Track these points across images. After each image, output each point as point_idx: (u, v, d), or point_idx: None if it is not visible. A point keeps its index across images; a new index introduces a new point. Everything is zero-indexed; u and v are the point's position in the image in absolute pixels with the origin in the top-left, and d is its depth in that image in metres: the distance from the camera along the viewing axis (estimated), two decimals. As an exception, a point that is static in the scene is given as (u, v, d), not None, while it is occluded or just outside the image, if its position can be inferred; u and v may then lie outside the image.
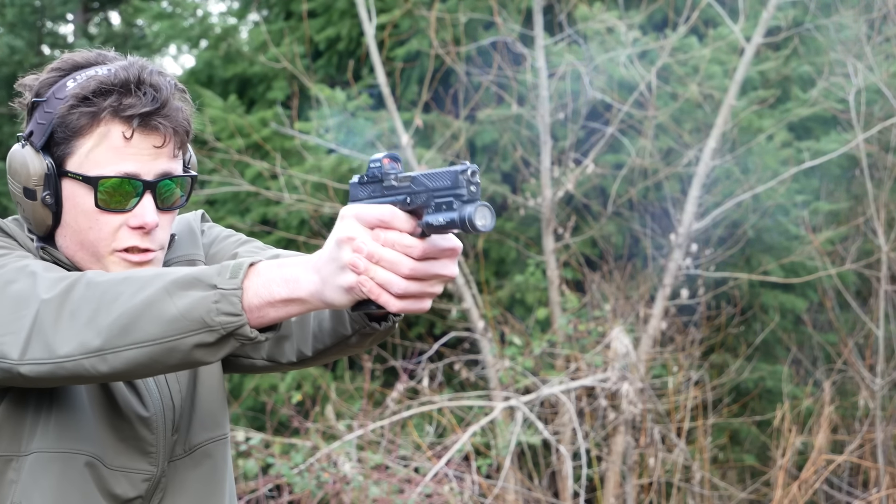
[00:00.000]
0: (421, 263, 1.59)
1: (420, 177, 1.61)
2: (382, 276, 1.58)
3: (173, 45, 9.08)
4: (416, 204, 1.60)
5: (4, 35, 11.15)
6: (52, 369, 1.72)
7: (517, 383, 6.84)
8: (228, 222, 7.67)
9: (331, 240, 1.62)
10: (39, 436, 1.86)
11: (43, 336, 1.72)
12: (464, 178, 1.57)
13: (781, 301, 7.53)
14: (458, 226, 1.55)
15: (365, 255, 1.58)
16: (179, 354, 1.67)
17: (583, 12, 7.29)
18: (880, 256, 7.38)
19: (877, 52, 7.57)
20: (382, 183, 1.66)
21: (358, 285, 1.59)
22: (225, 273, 1.66)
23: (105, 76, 1.87)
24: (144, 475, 1.92)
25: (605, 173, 7.39)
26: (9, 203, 10.33)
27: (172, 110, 1.88)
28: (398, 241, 1.58)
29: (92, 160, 1.87)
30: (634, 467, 6.90)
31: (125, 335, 1.68)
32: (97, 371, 1.71)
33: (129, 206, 1.89)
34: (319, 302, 1.64)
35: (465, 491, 6.36)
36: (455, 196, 1.57)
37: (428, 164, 7.22)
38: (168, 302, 1.66)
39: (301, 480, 6.27)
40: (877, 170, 7.78)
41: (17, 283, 1.78)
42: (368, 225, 1.60)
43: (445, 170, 1.59)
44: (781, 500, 6.64)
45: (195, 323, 1.65)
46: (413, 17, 7.70)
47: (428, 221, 1.58)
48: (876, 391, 7.25)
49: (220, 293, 1.64)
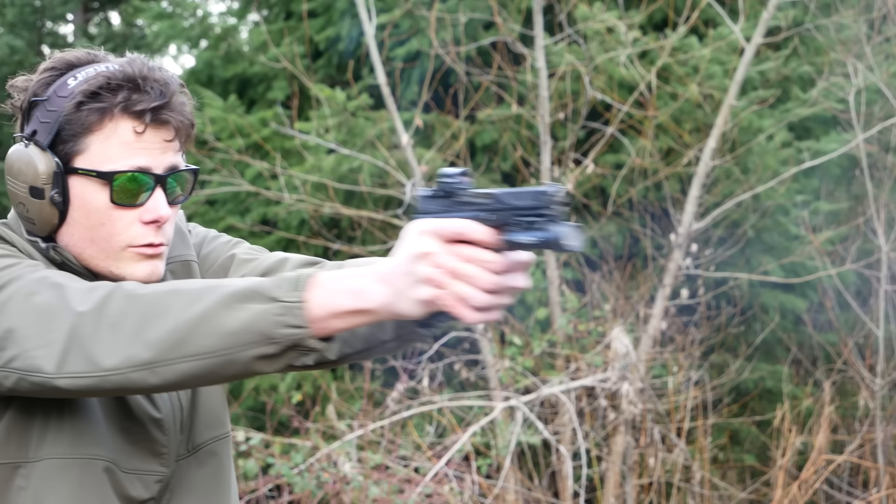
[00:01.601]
0: (499, 277, 1.63)
1: (503, 194, 1.64)
2: (462, 290, 1.62)
3: (173, 45, 9.09)
4: (496, 221, 1.64)
5: (4, 35, 11.15)
6: (96, 382, 1.72)
7: (517, 383, 6.84)
8: (228, 222, 7.67)
9: (405, 253, 1.64)
10: (50, 442, 1.85)
11: (83, 349, 1.71)
12: (553, 199, 1.61)
13: (781, 301, 7.53)
14: (549, 245, 1.60)
15: (445, 271, 1.62)
16: (238, 367, 1.69)
17: (583, 12, 7.28)
18: (880, 256, 7.38)
19: (877, 52, 7.56)
20: (456, 198, 1.69)
21: (435, 299, 1.63)
22: (284, 285, 1.67)
23: (111, 72, 1.87)
24: (157, 476, 1.93)
25: (605, 173, 7.39)
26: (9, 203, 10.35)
27: (179, 104, 1.90)
28: (478, 257, 1.62)
29: (104, 156, 1.87)
30: (634, 467, 6.90)
31: (179, 348, 1.69)
32: (146, 383, 1.71)
33: (139, 200, 1.89)
34: (388, 313, 1.67)
35: (465, 491, 6.36)
36: (544, 215, 1.60)
37: (428, 164, 7.23)
38: (226, 315, 1.67)
39: (301, 480, 6.27)
40: (877, 170, 7.77)
41: (41, 295, 1.77)
42: (447, 239, 1.63)
43: (532, 189, 1.62)
44: (781, 500, 6.64)
45: (257, 335, 1.66)
46: (413, 17, 7.70)
47: (513, 239, 1.62)
48: (876, 391, 7.25)
49: (283, 306, 1.66)
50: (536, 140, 7.44)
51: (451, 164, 7.67)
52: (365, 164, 7.32)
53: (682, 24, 7.47)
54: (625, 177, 7.38)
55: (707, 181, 7.20)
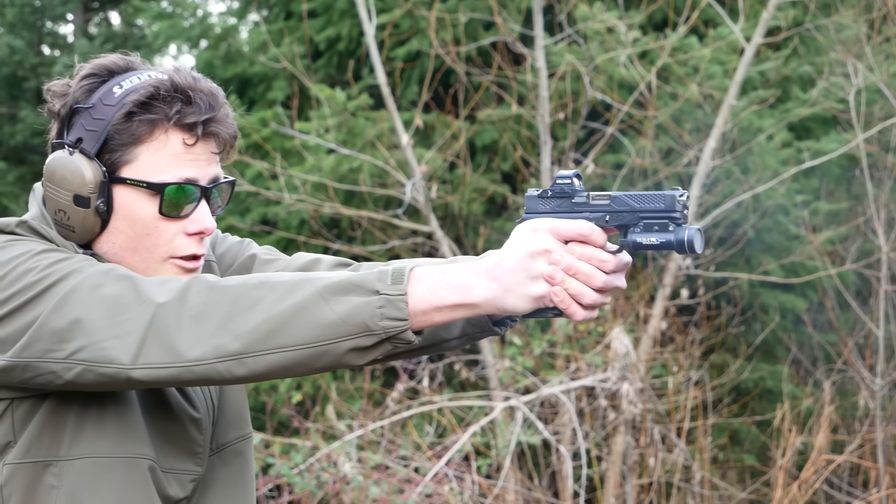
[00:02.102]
0: (609, 276, 1.72)
1: (623, 196, 1.72)
2: (576, 287, 1.71)
3: (173, 45, 9.08)
4: (616, 222, 1.72)
5: (4, 35, 11.15)
6: (178, 373, 1.73)
7: (517, 383, 6.84)
8: (228, 222, 7.67)
9: (519, 250, 1.71)
10: (88, 440, 1.84)
11: (165, 340, 1.72)
12: (680, 202, 1.69)
13: (781, 301, 7.53)
14: (674, 247, 1.68)
15: (563, 268, 1.70)
16: (330, 357, 1.71)
17: (583, 12, 7.28)
18: (880, 256, 7.38)
19: (877, 52, 7.57)
20: (572, 199, 1.75)
21: (550, 294, 1.71)
22: (386, 278, 1.70)
23: (159, 81, 1.87)
24: (192, 475, 1.92)
25: (605, 173, 7.39)
26: (9, 203, 10.33)
27: (224, 116, 1.91)
28: (594, 256, 1.71)
29: (153, 167, 1.87)
30: (634, 467, 6.90)
31: (270, 339, 1.70)
32: (232, 374, 1.73)
33: (185, 212, 1.89)
34: (493, 307, 1.72)
35: (465, 491, 6.36)
36: (670, 218, 1.68)
37: (428, 164, 7.23)
38: (324, 306, 1.70)
39: (301, 480, 6.27)
40: (877, 170, 7.78)
41: (109, 287, 1.77)
42: (564, 239, 1.72)
43: (657, 192, 1.70)
44: (781, 500, 6.64)
45: (356, 327, 1.69)
46: (413, 17, 7.70)
47: (637, 241, 1.70)
48: (876, 391, 7.25)
49: (385, 298, 1.69)
50: (536, 140, 7.44)
51: (452, 164, 7.66)
52: (365, 164, 7.32)
53: (682, 24, 7.47)
54: (625, 177, 7.38)
55: (707, 181, 7.20)
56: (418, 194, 7.11)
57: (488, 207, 7.83)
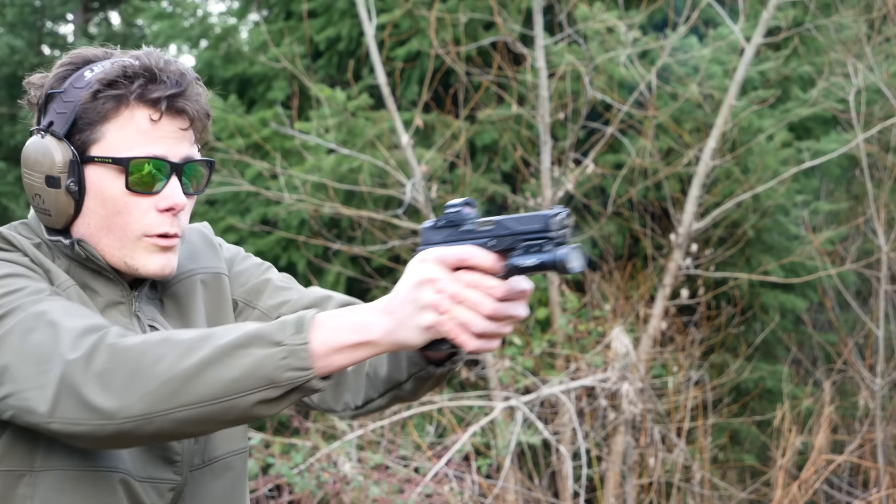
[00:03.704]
0: (500, 304, 1.64)
1: (506, 220, 1.66)
2: (464, 315, 1.63)
3: (173, 45, 9.06)
4: (500, 247, 1.66)
5: (4, 35, 11.15)
6: (91, 430, 1.71)
7: (517, 383, 6.84)
8: (228, 222, 7.67)
9: (407, 282, 1.66)
10: (60, 454, 1.84)
11: (76, 397, 1.71)
12: (555, 222, 1.63)
13: (781, 301, 7.53)
14: (550, 267, 1.63)
15: (448, 296, 1.63)
16: (238, 412, 1.68)
17: (583, 12, 7.29)
18: (880, 256, 7.38)
19: (877, 52, 7.57)
20: (460, 227, 1.71)
21: (438, 325, 1.64)
22: (287, 329, 1.67)
23: (128, 63, 1.89)
24: (170, 484, 1.92)
25: (605, 173, 7.39)
26: (9, 203, 10.33)
27: (195, 94, 1.91)
28: (481, 283, 1.64)
29: (119, 144, 1.88)
30: (634, 467, 6.90)
31: (175, 398, 1.68)
32: (143, 432, 1.71)
33: (156, 188, 1.90)
34: (391, 343, 1.67)
35: (465, 491, 6.36)
36: (546, 238, 1.63)
37: (428, 164, 7.23)
38: (226, 363, 1.67)
39: (301, 480, 6.27)
40: (877, 170, 7.78)
41: (37, 333, 1.76)
42: (450, 266, 1.65)
43: (535, 214, 1.65)
44: (781, 500, 6.64)
45: (260, 381, 1.66)
46: (413, 17, 7.70)
47: (516, 264, 1.64)
48: (876, 391, 7.25)
49: (287, 349, 1.66)
50: (536, 140, 7.44)
51: (452, 164, 7.67)
52: (365, 164, 7.32)
53: (682, 24, 7.47)
54: (625, 177, 7.38)
55: (707, 181, 7.20)
56: (418, 194, 7.11)
57: (488, 208, 7.83)
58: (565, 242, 1.64)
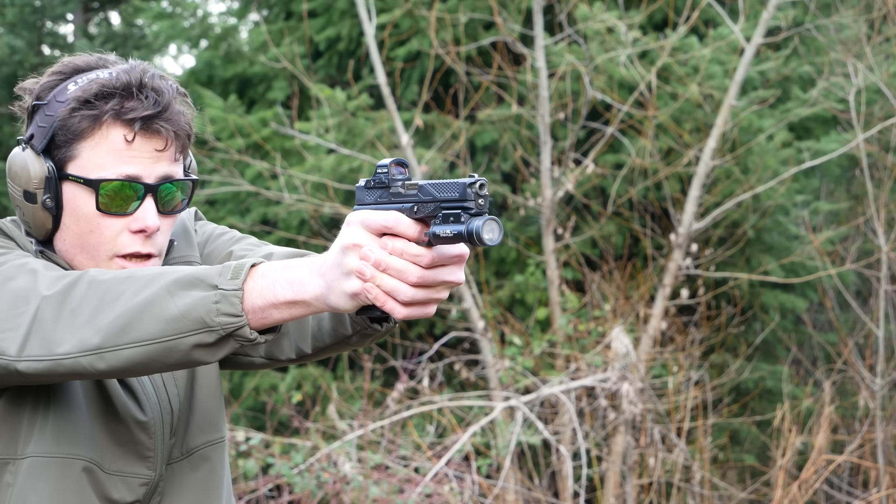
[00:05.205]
0: (429, 271, 1.59)
1: (427, 186, 1.60)
2: (389, 283, 1.58)
3: (173, 45, 9.08)
4: (423, 213, 1.60)
5: (4, 35, 11.15)
6: (50, 366, 1.72)
7: (517, 383, 6.84)
8: (228, 222, 7.67)
9: (336, 245, 1.62)
10: (36, 440, 1.86)
11: (42, 333, 1.72)
12: (472, 191, 1.58)
13: (781, 301, 7.53)
14: (465, 239, 1.56)
15: (372, 263, 1.58)
16: (178, 354, 1.68)
17: (583, 12, 7.29)
18: (880, 256, 7.38)
19: (877, 52, 7.57)
20: (389, 189, 1.65)
21: (363, 292, 1.60)
22: (226, 273, 1.66)
23: (106, 79, 1.87)
24: (142, 479, 1.92)
25: (605, 173, 7.39)
26: (9, 203, 10.34)
27: (174, 114, 1.89)
28: (406, 250, 1.58)
29: (93, 163, 1.87)
30: (634, 467, 6.90)
31: (124, 334, 1.68)
32: (94, 369, 1.71)
33: (130, 209, 1.89)
34: (323, 305, 1.64)
35: (465, 491, 6.36)
36: (463, 208, 1.57)
37: (428, 164, 7.23)
38: (169, 301, 1.67)
39: (301, 480, 6.27)
40: (877, 170, 7.78)
41: (17, 280, 1.78)
42: (375, 231, 1.60)
43: (454, 181, 1.59)
44: (781, 500, 6.64)
45: (195, 323, 1.65)
46: (413, 17, 7.70)
47: (435, 232, 1.57)
48: (876, 391, 7.25)
49: (220, 293, 1.65)
50: (536, 140, 7.44)
51: (451, 164, 7.67)
52: (365, 164, 7.32)
53: (682, 24, 7.47)
54: (625, 177, 7.38)
55: (707, 181, 7.20)
56: (418, 194, 7.10)
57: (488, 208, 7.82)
58: (483, 213, 1.58)
